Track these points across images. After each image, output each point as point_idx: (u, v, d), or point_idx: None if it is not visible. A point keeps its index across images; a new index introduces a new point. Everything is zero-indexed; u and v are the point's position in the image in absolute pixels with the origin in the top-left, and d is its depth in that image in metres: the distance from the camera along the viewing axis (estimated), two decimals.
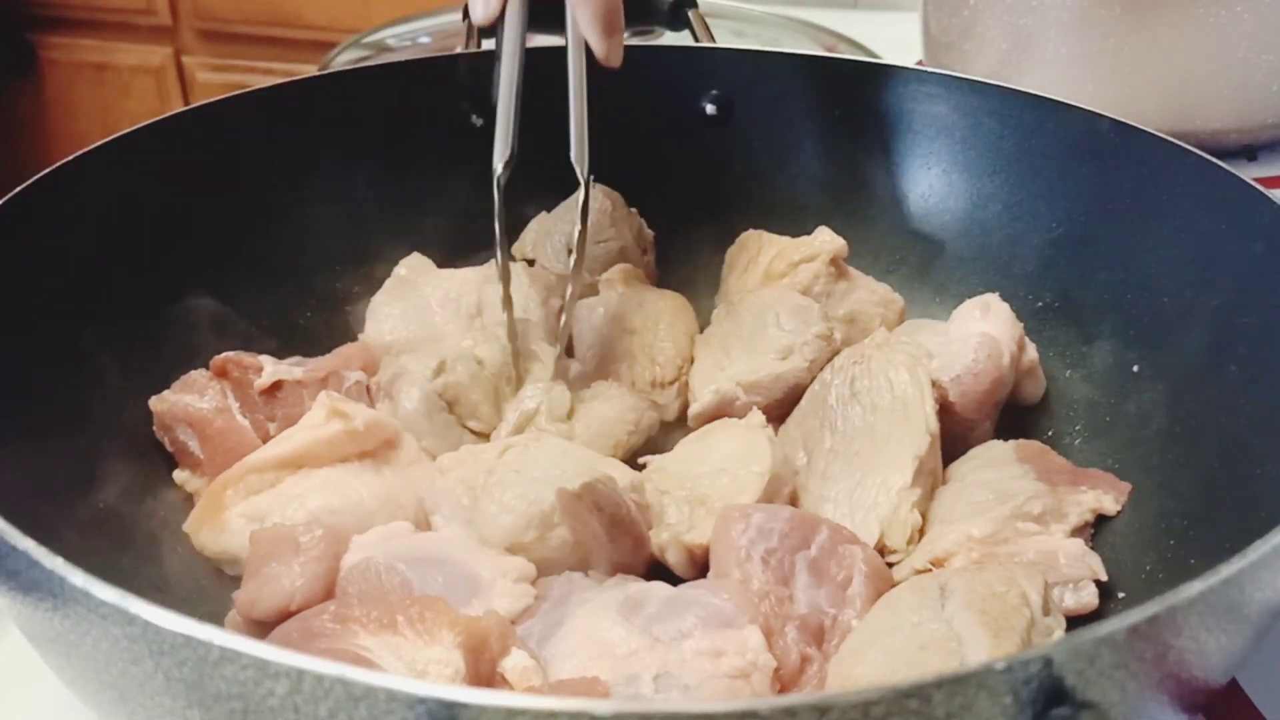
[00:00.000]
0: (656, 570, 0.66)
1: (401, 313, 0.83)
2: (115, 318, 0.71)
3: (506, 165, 0.73)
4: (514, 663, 0.53)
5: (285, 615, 0.58)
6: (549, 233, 0.90)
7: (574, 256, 0.75)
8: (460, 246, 0.89)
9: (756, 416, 0.72)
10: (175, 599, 0.63)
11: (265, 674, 0.37)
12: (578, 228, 0.74)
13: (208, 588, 0.65)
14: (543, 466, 0.65)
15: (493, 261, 0.87)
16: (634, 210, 0.92)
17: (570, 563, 0.63)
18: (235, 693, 0.38)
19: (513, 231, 0.93)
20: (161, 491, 0.69)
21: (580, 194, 0.73)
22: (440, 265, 0.87)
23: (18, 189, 0.66)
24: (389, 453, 0.70)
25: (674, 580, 0.63)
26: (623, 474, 0.67)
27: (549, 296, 0.86)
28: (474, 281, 0.85)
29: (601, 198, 0.90)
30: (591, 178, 0.74)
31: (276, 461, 0.67)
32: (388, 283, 0.86)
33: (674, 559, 0.66)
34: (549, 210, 0.92)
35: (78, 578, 0.40)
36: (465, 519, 0.65)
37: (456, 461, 0.68)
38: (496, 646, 0.54)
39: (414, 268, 0.86)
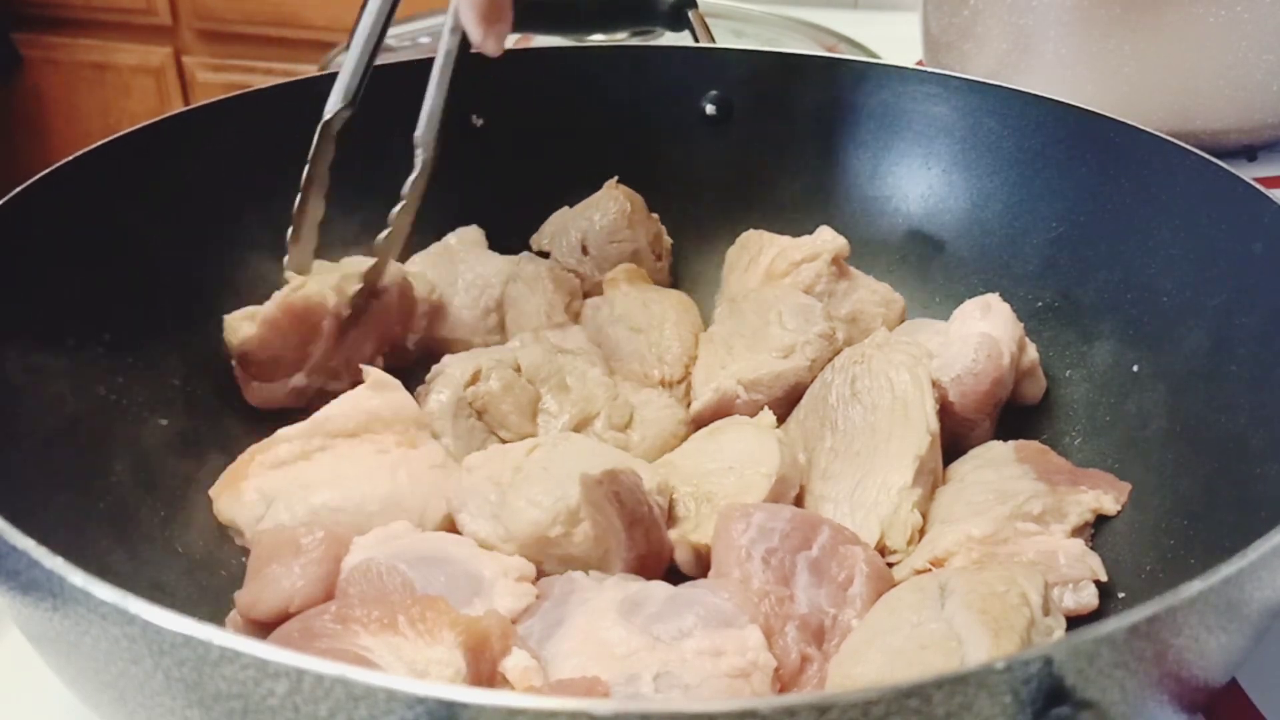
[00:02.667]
0: None
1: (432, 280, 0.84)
2: (113, 319, 0.71)
3: (338, 114, 0.75)
4: (515, 662, 0.53)
5: (285, 616, 0.58)
6: (565, 228, 0.90)
7: (388, 230, 0.76)
8: None
9: (768, 417, 0.72)
10: (175, 599, 0.63)
11: (265, 674, 0.37)
12: (401, 204, 0.75)
13: (208, 588, 0.65)
14: (571, 465, 0.65)
15: (522, 255, 0.87)
16: (655, 216, 0.92)
17: (591, 561, 0.63)
18: (235, 693, 0.38)
19: (533, 223, 0.93)
20: (162, 491, 0.69)
21: (415, 173, 0.75)
22: None
23: (18, 189, 0.66)
24: (409, 451, 0.70)
25: (674, 580, 0.63)
26: (650, 476, 0.67)
27: (571, 300, 0.86)
28: (502, 274, 0.85)
29: (622, 199, 0.90)
30: (429, 158, 0.75)
31: (306, 429, 0.69)
32: (434, 246, 0.86)
33: (681, 557, 0.66)
34: (571, 205, 0.92)
35: (78, 578, 0.40)
36: (492, 514, 0.65)
37: (484, 459, 0.68)
38: (497, 646, 0.54)
39: (465, 239, 0.87)
